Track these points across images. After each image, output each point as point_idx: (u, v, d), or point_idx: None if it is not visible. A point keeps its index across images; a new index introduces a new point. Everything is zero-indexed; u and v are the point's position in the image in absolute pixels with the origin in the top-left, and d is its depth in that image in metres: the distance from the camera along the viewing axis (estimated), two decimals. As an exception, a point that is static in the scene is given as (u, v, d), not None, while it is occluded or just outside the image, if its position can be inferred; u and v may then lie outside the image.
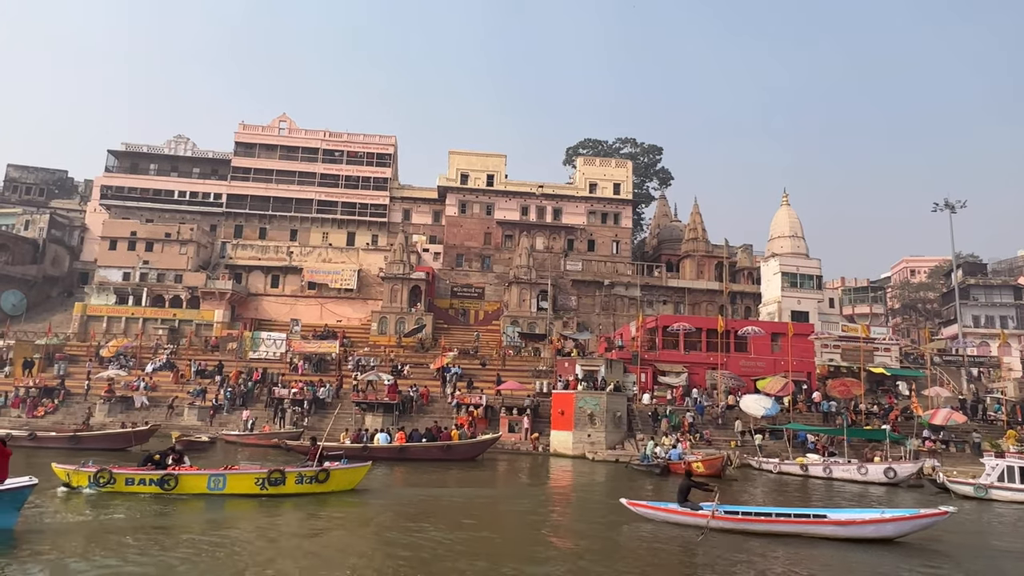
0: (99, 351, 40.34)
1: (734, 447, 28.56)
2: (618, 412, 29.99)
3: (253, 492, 14.83)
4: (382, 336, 46.45)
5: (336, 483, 15.99)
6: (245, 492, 14.83)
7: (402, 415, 32.86)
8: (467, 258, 53.85)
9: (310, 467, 15.90)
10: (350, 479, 16.53)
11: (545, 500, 18.14)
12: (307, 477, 15.53)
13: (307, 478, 15.51)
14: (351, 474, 16.60)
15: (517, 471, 24.95)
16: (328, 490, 15.72)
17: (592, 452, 28.50)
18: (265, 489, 14.87)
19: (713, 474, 20.92)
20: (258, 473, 15.26)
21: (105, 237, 50.03)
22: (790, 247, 56.31)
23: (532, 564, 10.02)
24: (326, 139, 56.77)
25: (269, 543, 11.01)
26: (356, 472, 16.74)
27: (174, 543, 10.29)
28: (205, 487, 14.70)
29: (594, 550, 11.40)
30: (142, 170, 55.40)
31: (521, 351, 43.95)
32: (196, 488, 14.74)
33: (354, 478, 16.63)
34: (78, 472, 14.72)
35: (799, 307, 49.03)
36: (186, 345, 44.31)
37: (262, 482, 14.94)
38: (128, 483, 14.58)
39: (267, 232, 54.58)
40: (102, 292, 47.47)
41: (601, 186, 55.48)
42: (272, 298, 50.68)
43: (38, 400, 34.62)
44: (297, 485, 15.26)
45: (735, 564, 10.42)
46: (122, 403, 34.28)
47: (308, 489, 15.45)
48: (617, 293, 51.79)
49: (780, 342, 38.91)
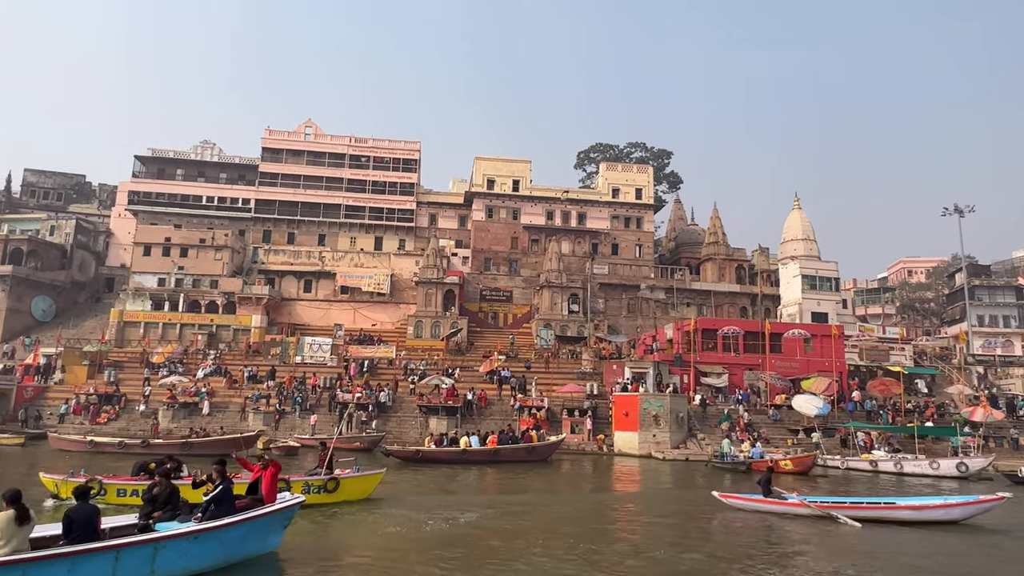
0: (149, 357, 40.62)
1: (791, 445, 30.20)
2: (680, 413, 31.45)
3: None
4: (418, 339, 47.34)
5: (346, 493, 14.74)
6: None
7: (464, 418, 33.93)
8: (495, 262, 54.95)
9: (318, 475, 14.70)
10: (362, 488, 15.31)
11: (664, 501, 18.90)
12: (314, 486, 14.37)
13: (314, 487, 14.33)
14: (363, 483, 15.39)
15: (599, 472, 26.12)
16: (338, 500, 14.54)
17: (659, 452, 29.91)
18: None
19: (800, 472, 22.42)
20: None
21: (139, 243, 50.12)
22: (803, 249, 58.46)
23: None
24: (352, 144, 57.41)
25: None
26: (369, 480, 15.53)
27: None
28: (202, 497, 13.82)
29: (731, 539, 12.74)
30: (168, 175, 55.49)
31: (559, 354, 45.15)
32: (192, 497, 13.72)
33: (367, 487, 15.42)
34: (66, 482, 13.75)
35: (819, 308, 51.03)
36: (227, 350, 44.77)
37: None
38: (120, 494, 13.66)
39: (295, 237, 55.09)
40: (138, 298, 47.58)
41: (623, 191, 56.98)
42: (306, 303, 51.23)
43: (99, 407, 35.00)
44: (304, 495, 13.64)
45: (831, 543, 12.10)
46: (184, 409, 34.80)
47: (315, 500, 14.13)
48: (642, 296, 53.32)
49: (812, 343, 40.78)
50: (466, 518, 13.22)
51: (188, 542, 7.61)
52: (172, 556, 7.42)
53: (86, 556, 6.69)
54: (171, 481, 9.18)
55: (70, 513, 7.21)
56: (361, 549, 10.53)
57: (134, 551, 7.08)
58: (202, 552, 7.81)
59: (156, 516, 8.48)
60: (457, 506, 14.95)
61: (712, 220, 56.82)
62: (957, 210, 51.76)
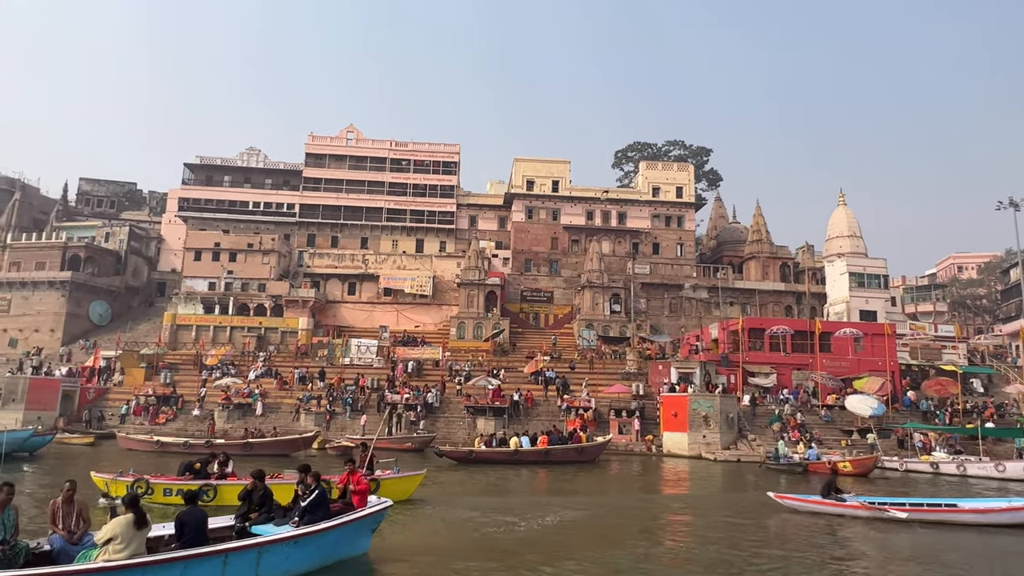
0: (203, 360, 41.77)
1: (845, 446, 29.67)
2: (730, 414, 31.15)
3: None
4: (461, 340, 47.70)
5: (387, 494, 13.96)
6: (288, 503, 14.07)
7: (511, 419, 34.13)
8: (535, 263, 55.07)
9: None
10: (403, 489, 15.00)
11: (724, 504, 18.58)
12: None
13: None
14: (404, 484, 15.11)
15: (652, 473, 26.03)
16: None
17: (710, 452, 29.68)
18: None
19: (861, 473, 22.05)
20: None
21: (190, 248, 51.58)
22: (849, 246, 57.24)
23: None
24: (393, 148, 58.12)
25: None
26: (409, 481, 15.27)
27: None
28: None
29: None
30: (216, 182, 56.94)
31: (603, 355, 45.05)
32: (235, 499, 13.57)
33: (407, 488, 15.15)
34: (116, 481, 14.00)
35: (867, 307, 49.97)
36: (275, 352, 45.77)
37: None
38: (166, 493, 13.85)
39: (339, 240, 56.02)
40: (189, 301, 48.94)
41: (664, 190, 56.56)
42: (350, 305, 52.06)
43: (158, 408, 36.14)
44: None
45: (889, 544, 11.99)
46: (239, 410, 35.71)
47: None
48: (684, 295, 52.87)
49: (863, 342, 39.95)
50: (550, 519, 13.30)
51: (289, 546, 7.86)
52: (274, 560, 7.68)
53: (198, 560, 6.98)
54: (265, 483, 9.42)
55: (182, 516, 7.52)
56: (448, 551, 10.63)
57: (241, 555, 7.36)
58: (301, 556, 8.06)
59: (252, 518, 8.74)
60: (529, 508, 14.94)
61: (755, 218, 56.05)
62: (1012, 204, 50.02)
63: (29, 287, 50.52)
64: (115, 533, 6.77)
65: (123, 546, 6.75)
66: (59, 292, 50.19)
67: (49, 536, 7.70)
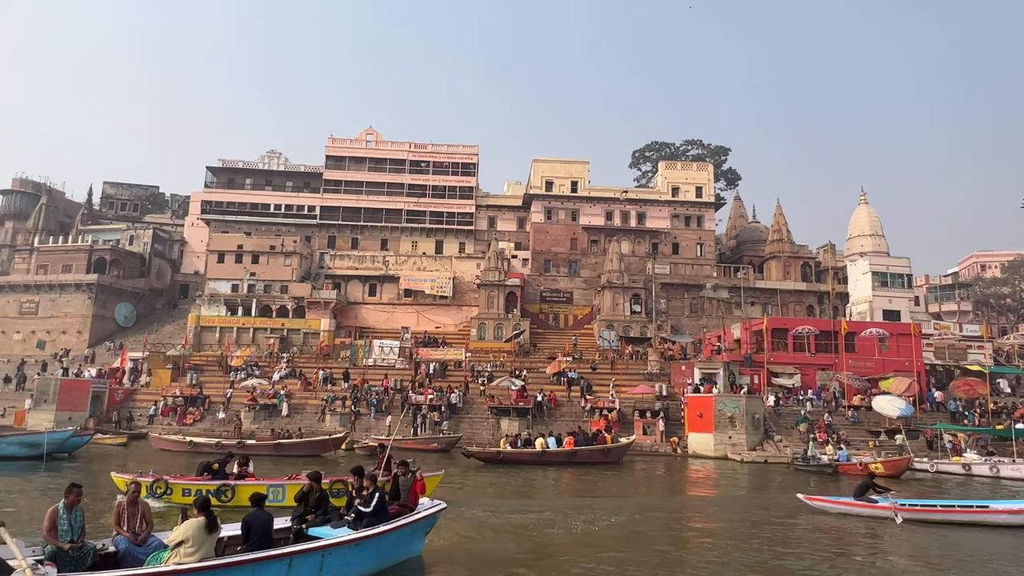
0: (228, 361, 42.22)
1: (873, 447, 29.44)
2: (756, 414, 31.01)
3: None
4: (481, 341, 47.83)
5: None
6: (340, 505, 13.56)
7: (535, 419, 34.20)
8: (554, 263, 55.11)
9: (377, 476, 14.43)
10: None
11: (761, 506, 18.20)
12: None
13: None
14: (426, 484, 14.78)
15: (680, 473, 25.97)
16: None
17: (736, 453, 29.57)
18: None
19: (893, 475, 21.89)
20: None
21: (213, 250, 52.14)
22: (871, 245, 56.66)
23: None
24: (412, 150, 58.45)
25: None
26: (427, 482, 14.93)
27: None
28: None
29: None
30: (238, 185, 57.55)
31: (623, 355, 44.98)
32: (244, 501, 13.08)
33: (428, 489, 14.85)
34: (136, 481, 14.31)
35: (890, 306, 49.40)
36: (298, 353, 46.15)
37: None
38: (185, 493, 13.85)
39: (359, 242, 56.42)
40: (213, 303, 49.47)
41: (683, 190, 56.40)
42: (371, 306, 52.37)
43: (185, 409, 36.59)
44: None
45: (922, 545, 12.07)
46: (264, 411, 36.06)
47: None
48: (705, 295, 52.66)
49: (888, 342, 39.60)
50: (607, 521, 13.34)
51: (351, 549, 7.93)
52: (337, 562, 7.76)
53: (265, 563, 7.05)
54: (321, 485, 9.49)
55: (249, 519, 7.60)
56: (504, 553, 10.61)
57: (305, 558, 7.43)
58: (361, 558, 8.13)
59: (309, 520, 8.79)
60: (570, 510, 14.89)
61: (775, 217, 55.72)
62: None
63: (56, 289, 51.34)
64: (187, 536, 6.85)
65: (194, 549, 6.83)
66: (86, 294, 50.97)
67: (114, 537, 7.77)
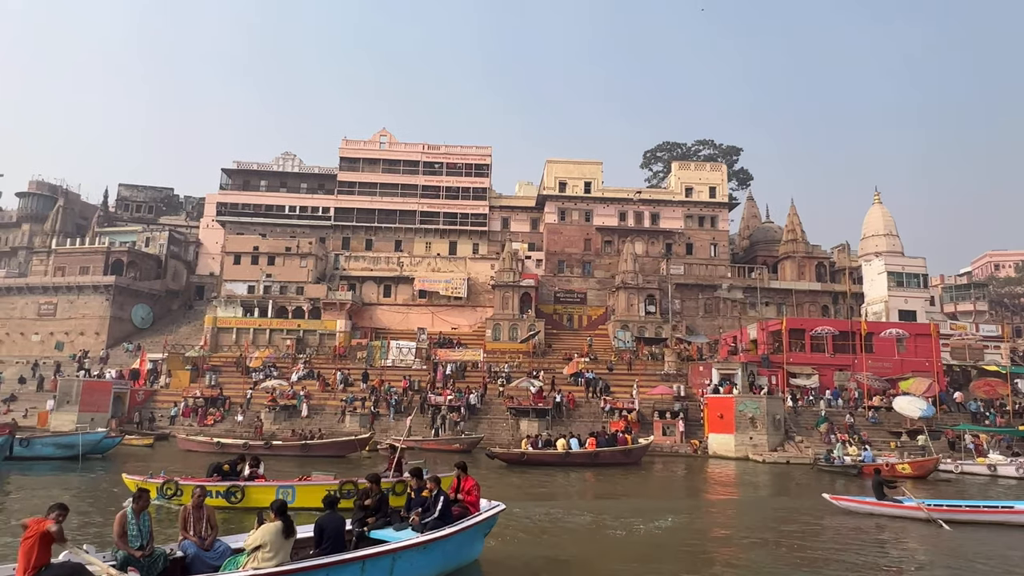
0: (246, 362, 42.48)
1: (894, 448, 29.42)
2: (777, 415, 31.04)
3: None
4: (496, 342, 47.93)
5: None
6: (316, 506, 12.85)
7: (554, 420, 34.29)
8: (568, 264, 55.19)
9: (387, 478, 14.03)
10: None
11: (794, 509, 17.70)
12: (384, 489, 13.93)
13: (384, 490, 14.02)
14: None
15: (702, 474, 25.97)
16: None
17: (757, 454, 29.60)
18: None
19: (919, 476, 21.89)
20: (329, 485, 13.81)
21: (229, 252, 52.44)
22: (885, 245, 56.53)
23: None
24: (425, 152, 58.64)
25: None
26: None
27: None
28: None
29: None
30: (253, 187, 57.85)
31: (638, 355, 45.03)
32: (264, 501, 12.95)
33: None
34: (146, 483, 13.92)
35: (906, 306, 49.30)
36: (314, 354, 46.38)
37: (333, 495, 13.83)
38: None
39: (373, 243, 56.65)
40: (229, 304, 49.74)
41: (697, 190, 56.40)
42: (386, 307, 52.57)
43: (206, 410, 36.85)
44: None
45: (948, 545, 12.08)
46: (284, 411, 36.27)
47: None
48: (720, 295, 52.63)
49: (905, 342, 39.53)
50: (661, 523, 13.36)
51: (418, 552, 7.93)
52: (406, 565, 7.76)
53: (339, 567, 7.06)
54: (381, 487, 9.50)
55: (321, 522, 7.60)
56: (564, 556, 10.57)
57: (377, 561, 7.44)
58: (428, 561, 8.11)
59: (370, 523, 8.78)
60: (607, 510, 14.85)
61: (790, 217, 55.65)
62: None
63: (74, 291, 51.76)
64: (264, 541, 6.82)
65: (272, 554, 6.79)
66: (103, 296, 51.36)
67: (180, 542, 7.74)
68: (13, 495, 16.21)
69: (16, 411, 38.88)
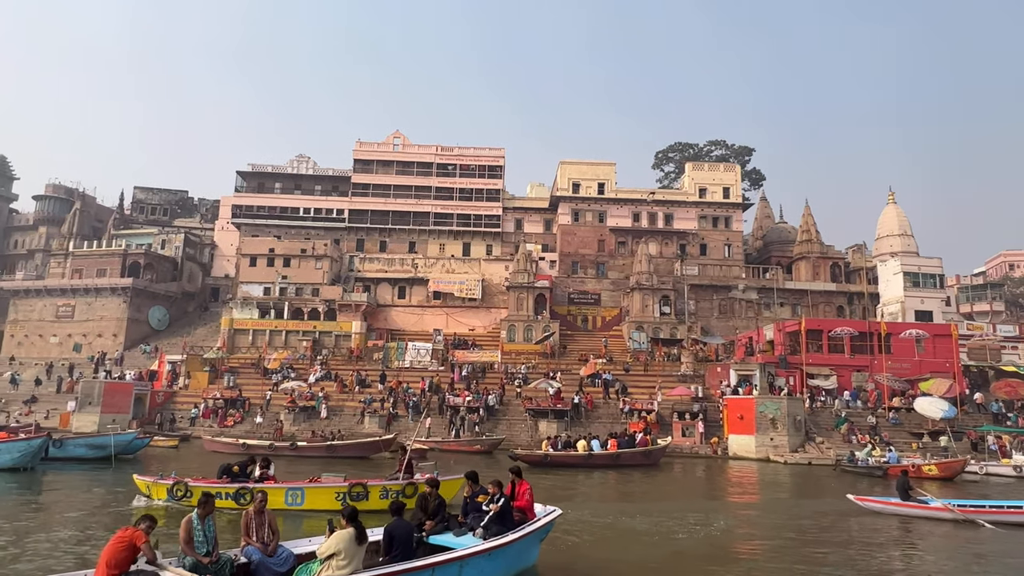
0: (264, 363, 42.71)
1: (916, 449, 29.34)
2: (797, 416, 30.99)
3: (334, 508, 13.10)
4: (512, 343, 48.01)
5: None
6: (325, 508, 13.39)
7: (573, 421, 34.35)
8: (582, 265, 55.22)
9: (397, 480, 14.11)
10: (444, 494, 14.37)
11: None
12: (392, 491, 13.75)
13: (392, 492, 13.72)
14: (445, 488, 14.40)
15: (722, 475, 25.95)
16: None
17: (778, 455, 29.59)
18: (346, 505, 13.39)
19: (946, 477, 21.86)
20: (338, 487, 13.86)
21: (245, 254, 52.71)
22: (900, 245, 56.34)
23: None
24: (438, 154, 58.79)
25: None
26: (449, 486, 14.40)
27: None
28: (283, 502, 13.48)
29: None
30: (267, 189, 58.17)
31: (654, 356, 45.03)
32: (273, 503, 13.03)
33: (447, 493, 14.45)
34: (156, 484, 14.04)
35: (922, 307, 49.11)
36: (330, 356, 46.57)
37: (342, 497, 13.57)
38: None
39: (387, 245, 56.84)
40: (245, 306, 50.02)
41: (711, 191, 56.36)
42: (400, 309, 52.73)
43: (225, 411, 37.07)
44: (381, 500, 13.53)
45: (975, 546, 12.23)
46: (303, 413, 36.45)
47: None
48: (734, 296, 52.56)
49: (924, 343, 39.40)
50: (714, 528, 13.38)
51: (483, 559, 7.91)
52: (472, 572, 7.74)
53: (410, 574, 7.06)
54: (439, 493, 9.39)
55: (391, 529, 7.57)
56: (627, 560, 10.54)
57: (446, 568, 7.41)
58: (491, 568, 8.06)
59: (427, 528, 8.68)
60: (646, 513, 14.83)
61: (804, 218, 55.55)
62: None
63: (92, 293, 52.17)
64: (338, 548, 6.77)
65: (346, 562, 6.71)
66: (121, 298, 51.74)
67: (243, 548, 7.61)
68: (53, 492, 16.45)
69: (37, 412, 39.20)
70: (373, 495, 13.69)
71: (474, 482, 9.44)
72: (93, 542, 10.51)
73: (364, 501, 13.48)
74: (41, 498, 16.09)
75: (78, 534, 11.31)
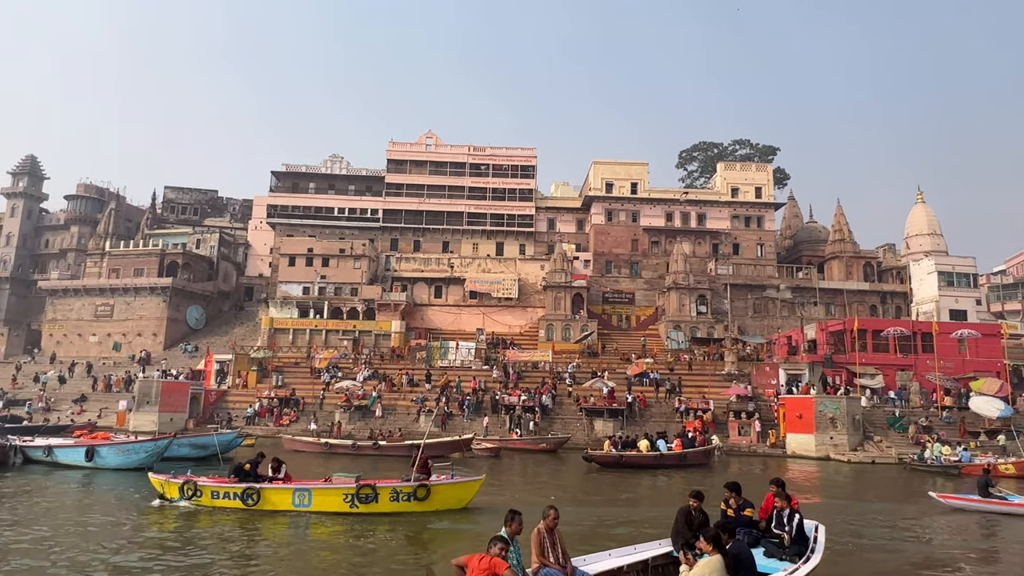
0: (313, 363, 43.10)
1: (974, 447, 29.76)
2: (856, 415, 31.42)
3: (341, 510, 13.27)
4: (549, 342, 48.40)
5: (439, 501, 13.75)
6: (332, 510, 13.30)
7: (628, 420, 34.76)
8: (616, 264, 55.64)
9: (409, 482, 13.85)
10: (458, 497, 14.17)
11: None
12: (403, 494, 13.53)
13: (403, 495, 13.52)
14: (459, 491, 14.19)
15: (793, 474, 26.38)
16: (430, 509, 13.57)
17: (839, 454, 30.01)
18: (355, 507, 13.23)
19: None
20: (347, 488, 13.47)
21: (284, 254, 53.05)
22: (930, 244, 56.92)
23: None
24: (471, 154, 59.14)
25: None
26: (465, 488, 14.32)
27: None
28: (290, 503, 13.37)
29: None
30: (301, 189, 58.52)
31: (698, 356, 45.42)
32: (280, 504, 13.31)
33: (464, 495, 14.25)
34: (169, 483, 14.04)
35: (956, 306, 49.62)
36: (371, 355, 46.91)
37: (351, 499, 13.31)
38: (214, 496, 13.58)
39: (421, 245, 57.22)
40: (285, 306, 50.40)
41: (743, 190, 56.77)
42: (437, 308, 53.12)
43: (280, 410, 37.46)
44: (392, 503, 13.42)
45: None
46: (358, 412, 36.80)
47: (405, 508, 13.44)
48: (769, 295, 52.98)
49: (967, 343, 39.82)
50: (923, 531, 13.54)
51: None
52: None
53: None
54: (703, 508, 8.33)
55: (737, 552, 6.57)
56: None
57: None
58: None
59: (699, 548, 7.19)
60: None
61: (836, 217, 55.97)
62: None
63: (131, 293, 52.55)
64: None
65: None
66: (160, 297, 52.11)
67: (538, 570, 6.77)
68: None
69: (89, 411, 39.60)
70: (383, 497, 13.35)
71: (738, 494, 8.70)
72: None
73: (373, 503, 13.19)
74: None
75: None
